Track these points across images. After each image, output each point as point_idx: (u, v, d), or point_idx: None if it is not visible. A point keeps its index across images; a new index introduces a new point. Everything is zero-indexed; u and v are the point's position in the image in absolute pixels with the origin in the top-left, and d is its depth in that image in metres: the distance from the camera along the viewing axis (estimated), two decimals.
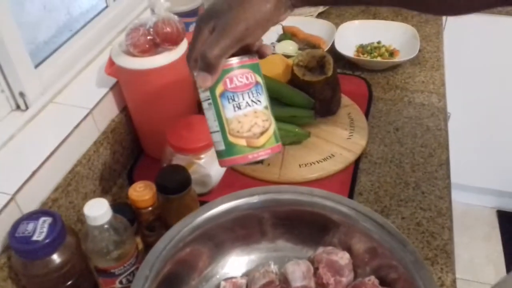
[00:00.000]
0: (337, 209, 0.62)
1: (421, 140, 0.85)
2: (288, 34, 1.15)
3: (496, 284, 0.80)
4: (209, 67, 0.48)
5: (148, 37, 0.70)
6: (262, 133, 0.50)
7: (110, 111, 0.79)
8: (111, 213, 0.55)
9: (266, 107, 0.51)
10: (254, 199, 0.63)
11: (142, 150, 0.86)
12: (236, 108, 0.49)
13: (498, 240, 1.81)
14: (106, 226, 0.54)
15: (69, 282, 0.59)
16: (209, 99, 0.49)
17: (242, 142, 0.49)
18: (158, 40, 0.70)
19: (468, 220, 1.87)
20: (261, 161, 0.80)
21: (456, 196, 1.85)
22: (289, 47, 1.10)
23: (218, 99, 0.49)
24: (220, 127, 0.49)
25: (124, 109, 0.82)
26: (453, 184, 1.76)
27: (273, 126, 0.51)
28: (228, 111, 0.49)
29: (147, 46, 0.70)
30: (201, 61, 0.48)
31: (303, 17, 1.21)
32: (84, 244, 0.55)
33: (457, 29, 1.40)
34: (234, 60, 0.49)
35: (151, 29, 0.69)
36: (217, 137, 0.50)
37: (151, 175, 0.67)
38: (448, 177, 0.77)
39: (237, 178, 0.80)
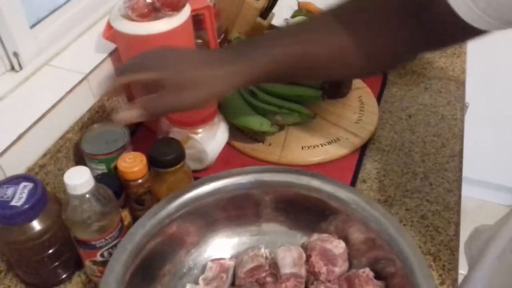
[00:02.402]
0: (335, 195, 0.58)
1: (434, 129, 0.80)
2: (303, 10, 1.09)
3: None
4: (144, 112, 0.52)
5: (148, 1, 0.66)
6: None
7: None
8: (93, 182, 0.52)
9: None
10: (248, 178, 0.60)
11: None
12: None
13: None
14: (87, 196, 0.51)
15: (50, 251, 0.57)
16: None
17: None
18: (158, 5, 0.66)
19: (480, 216, 1.80)
20: (262, 140, 0.77)
21: (469, 192, 1.80)
22: None
23: None
24: None
25: None
26: (467, 179, 1.70)
27: None
28: None
29: (146, 10, 0.66)
30: (141, 108, 0.52)
31: None
32: (64, 214, 0.53)
33: None
34: None
35: None
36: None
37: (149, 147, 0.65)
38: (460, 170, 0.73)
39: (235, 156, 0.76)
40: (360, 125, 0.79)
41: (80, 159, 0.69)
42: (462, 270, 0.63)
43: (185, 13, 0.70)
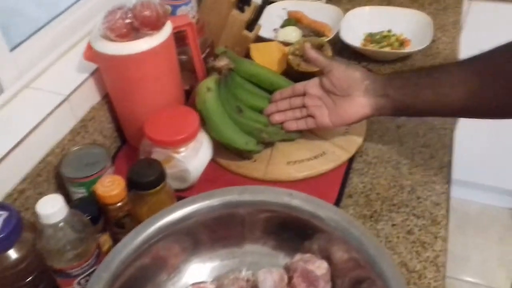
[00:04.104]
0: (317, 214, 0.57)
1: (423, 139, 0.79)
2: (292, 20, 1.09)
3: None
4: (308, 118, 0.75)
5: (126, 21, 0.65)
6: None
7: (90, 98, 0.76)
8: (67, 210, 0.51)
9: None
10: (228, 199, 0.59)
11: (125, 139, 0.82)
12: None
13: None
14: (61, 224, 0.51)
15: (28, 280, 0.56)
16: None
17: None
18: (136, 24, 0.65)
19: (482, 220, 1.78)
20: (247, 157, 0.76)
21: (472, 195, 1.77)
22: (292, 33, 1.04)
23: None
24: None
25: (106, 96, 0.78)
26: (468, 183, 1.67)
27: None
28: None
29: (124, 30, 0.65)
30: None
31: (310, 1, 1.14)
32: (38, 243, 0.52)
33: (479, 19, 1.31)
34: None
35: (130, 12, 0.65)
36: None
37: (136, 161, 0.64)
38: (448, 182, 0.71)
39: (220, 174, 0.75)
40: (347, 137, 0.78)
41: (61, 183, 0.68)
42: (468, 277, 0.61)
43: (166, 31, 0.70)
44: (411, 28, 1.03)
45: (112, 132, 0.81)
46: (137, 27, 0.66)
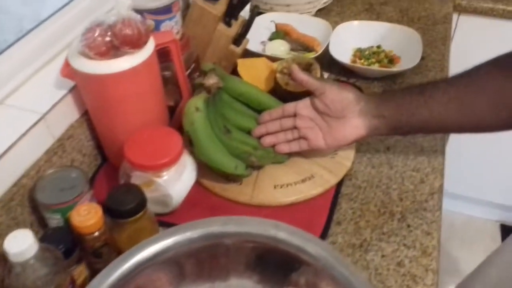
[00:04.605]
0: (305, 249, 0.54)
1: (413, 162, 0.77)
2: (280, 33, 1.06)
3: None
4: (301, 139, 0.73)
5: (106, 38, 0.62)
6: None
7: (68, 115, 0.72)
8: (37, 247, 0.47)
9: None
10: (210, 230, 0.56)
11: (106, 156, 0.79)
12: None
13: None
14: (31, 261, 0.47)
15: None
16: None
17: None
18: (116, 43, 0.62)
19: (469, 233, 1.78)
20: (234, 180, 0.73)
21: (457, 207, 1.77)
22: (280, 47, 1.02)
23: None
24: None
25: (85, 113, 0.74)
26: (454, 195, 1.67)
27: None
28: None
29: (104, 48, 0.62)
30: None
31: (299, 14, 1.12)
32: (7, 279, 0.48)
33: (468, 34, 1.30)
34: None
35: (109, 30, 0.61)
36: None
37: (114, 186, 0.61)
38: (439, 209, 0.69)
39: (204, 197, 0.72)
40: (336, 160, 0.76)
41: (36, 206, 0.64)
42: None
43: (148, 49, 0.66)
44: (400, 45, 1.01)
45: (92, 149, 0.78)
46: (117, 45, 0.63)
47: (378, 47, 1.02)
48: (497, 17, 1.24)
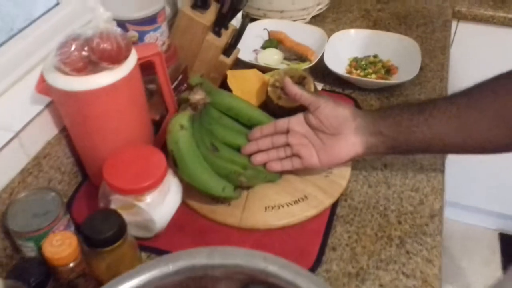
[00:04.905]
0: (295, 283, 0.50)
1: (412, 181, 0.73)
2: (274, 41, 1.02)
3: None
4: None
5: (83, 53, 0.57)
6: None
7: (45, 132, 0.68)
8: (2, 285, 0.43)
9: None
10: (196, 262, 0.51)
11: (86, 174, 0.74)
12: None
13: (498, 266, 1.69)
14: None
15: None
16: None
17: None
18: (94, 58, 0.57)
19: (467, 241, 1.74)
20: (222, 201, 0.69)
21: (457, 216, 1.73)
22: (274, 56, 0.98)
23: None
24: None
25: (64, 129, 0.70)
26: (454, 204, 1.63)
27: None
28: None
29: (81, 63, 0.57)
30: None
31: (293, 21, 1.08)
32: None
33: (467, 42, 1.26)
34: None
35: (86, 44, 0.57)
36: None
37: (94, 206, 0.58)
38: (440, 233, 0.65)
39: (191, 219, 0.68)
40: (330, 178, 0.72)
41: (8, 233, 0.60)
42: None
43: (130, 64, 0.62)
44: (398, 54, 0.97)
45: (72, 167, 0.73)
46: (95, 61, 0.58)
47: (375, 56, 0.98)
48: (498, 25, 1.20)
